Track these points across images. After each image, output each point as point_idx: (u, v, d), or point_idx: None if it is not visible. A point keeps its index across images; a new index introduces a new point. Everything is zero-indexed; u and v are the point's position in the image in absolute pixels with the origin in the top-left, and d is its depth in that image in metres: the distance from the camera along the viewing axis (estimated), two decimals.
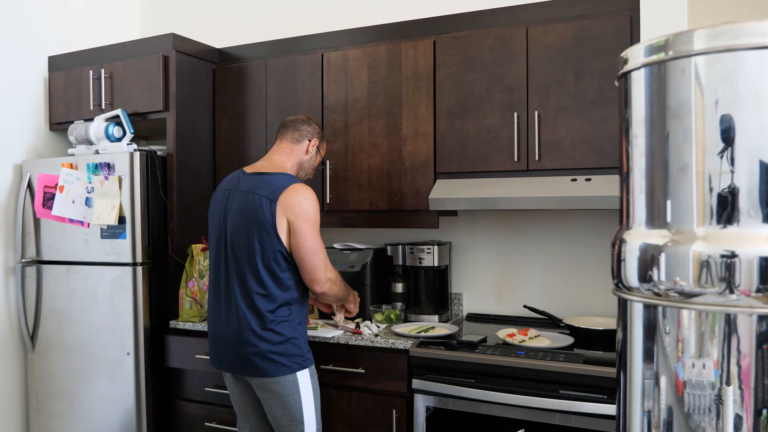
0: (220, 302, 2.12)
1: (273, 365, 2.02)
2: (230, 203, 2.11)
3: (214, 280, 2.15)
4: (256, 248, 2.02)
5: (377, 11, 2.99)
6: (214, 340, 2.16)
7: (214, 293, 2.15)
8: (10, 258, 2.97)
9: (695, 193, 1.07)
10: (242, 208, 2.06)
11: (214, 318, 2.15)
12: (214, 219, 2.17)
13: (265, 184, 2.07)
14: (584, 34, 2.27)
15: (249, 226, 2.03)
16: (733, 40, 1.04)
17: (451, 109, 2.49)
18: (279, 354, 2.02)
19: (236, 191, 2.11)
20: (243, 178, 2.14)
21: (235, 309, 2.06)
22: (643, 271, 1.14)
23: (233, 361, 2.09)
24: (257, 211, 2.03)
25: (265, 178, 2.10)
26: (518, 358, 2.10)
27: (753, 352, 1.01)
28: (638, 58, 1.17)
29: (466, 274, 2.86)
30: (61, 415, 2.84)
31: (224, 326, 2.09)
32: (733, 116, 1.03)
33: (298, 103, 2.79)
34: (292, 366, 2.04)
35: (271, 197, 2.02)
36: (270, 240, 2.02)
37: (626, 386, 1.21)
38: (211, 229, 2.19)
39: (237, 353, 2.06)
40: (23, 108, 3.03)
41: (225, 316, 2.09)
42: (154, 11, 3.66)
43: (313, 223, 2.05)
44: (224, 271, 2.10)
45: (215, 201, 2.19)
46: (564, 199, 2.20)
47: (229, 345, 2.08)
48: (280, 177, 2.09)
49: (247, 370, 2.05)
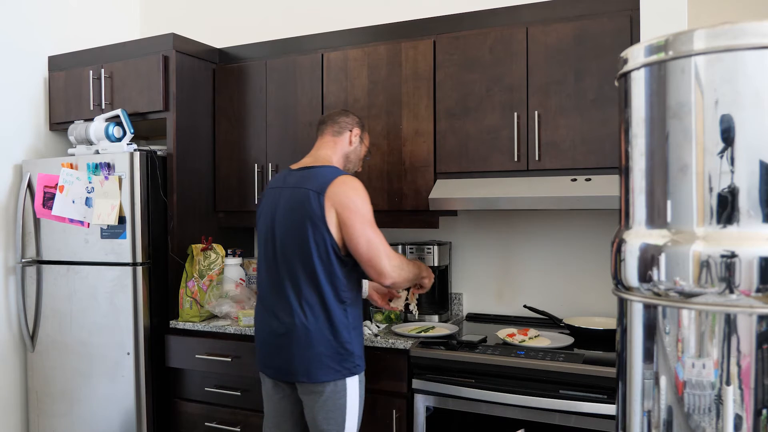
0: (270, 303, 2.04)
1: (324, 370, 1.93)
2: (278, 201, 2.04)
3: (265, 280, 2.07)
4: (310, 245, 1.94)
5: (377, 11, 2.99)
6: (261, 343, 2.07)
7: (263, 293, 2.07)
8: (10, 258, 2.97)
9: (695, 193, 1.07)
10: (291, 204, 2.00)
11: (263, 320, 2.07)
12: (263, 219, 2.09)
13: (311, 177, 2.00)
14: (584, 34, 2.27)
15: (300, 223, 1.96)
16: (733, 40, 1.04)
17: (451, 109, 2.49)
18: (331, 358, 1.94)
19: (283, 188, 2.05)
20: (289, 175, 2.08)
21: (287, 310, 1.98)
22: (643, 271, 1.14)
23: (280, 365, 2.00)
24: (306, 206, 1.95)
25: (311, 171, 2.03)
26: (518, 358, 2.10)
27: (753, 352, 1.01)
28: (638, 58, 1.17)
29: (466, 274, 2.86)
30: (61, 415, 2.84)
31: (274, 328, 2.01)
32: (733, 116, 1.03)
33: (298, 103, 2.79)
34: (343, 371, 1.95)
35: (319, 190, 1.95)
36: (321, 233, 1.94)
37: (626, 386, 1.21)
38: (259, 228, 2.11)
39: (286, 357, 1.98)
40: (23, 108, 3.03)
41: (275, 318, 2.01)
42: (154, 11, 3.66)
43: (364, 213, 1.95)
44: (275, 271, 2.03)
45: (264, 201, 2.12)
46: (564, 199, 2.20)
47: (279, 348, 2.00)
48: (327, 169, 2.03)
49: (296, 374, 1.97)
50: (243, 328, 2.57)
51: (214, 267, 2.75)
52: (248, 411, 2.55)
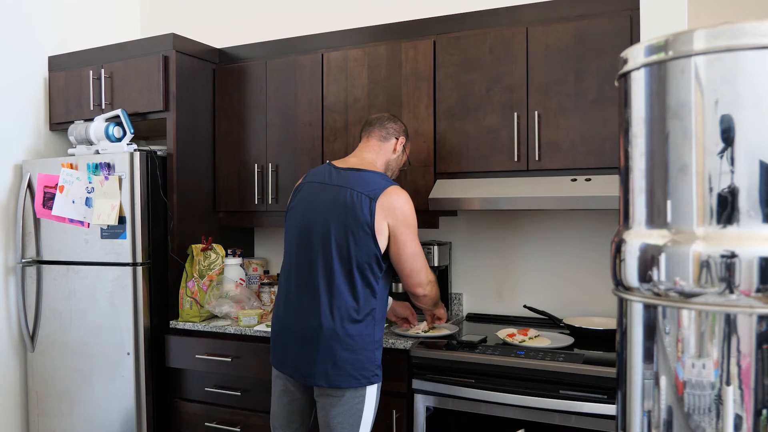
0: (296, 300, 1.99)
1: (345, 377, 1.91)
2: (321, 197, 2.00)
3: (293, 277, 2.02)
4: (351, 246, 1.92)
5: (377, 11, 2.99)
6: (281, 339, 2.03)
7: (289, 290, 2.02)
8: (10, 258, 2.97)
9: (695, 193, 1.07)
10: (338, 203, 1.96)
11: (286, 317, 2.02)
12: (300, 212, 2.04)
13: (361, 181, 1.98)
14: (584, 34, 2.27)
15: (345, 223, 1.93)
16: (733, 40, 1.04)
17: (451, 109, 2.49)
18: (353, 366, 1.92)
19: (328, 185, 2.01)
20: (335, 173, 2.03)
21: (315, 308, 1.94)
22: (643, 271, 1.14)
23: (299, 366, 1.97)
24: (355, 209, 1.93)
25: (361, 175, 2.01)
26: (518, 358, 2.10)
27: (753, 352, 1.01)
28: (638, 58, 1.17)
29: (466, 274, 2.85)
30: (61, 415, 2.84)
31: (299, 325, 1.97)
32: (733, 116, 1.03)
33: (298, 103, 2.79)
34: (362, 380, 1.94)
35: (371, 195, 1.94)
36: (366, 240, 1.92)
37: (626, 386, 1.21)
38: (293, 221, 2.06)
39: (308, 358, 1.94)
40: (23, 108, 3.03)
41: (301, 316, 1.97)
42: (155, 11, 3.66)
43: (413, 227, 2.00)
44: (309, 268, 1.98)
45: (302, 193, 2.07)
46: (564, 199, 2.20)
47: (300, 347, 1.96)
48: (377, 176, 2.02)
49: (315, 377, 1.93)
50: (243, 328, 2.57)
51: (214, 267, 2.75)
52: (248, 411, 2.55)
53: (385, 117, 2.20)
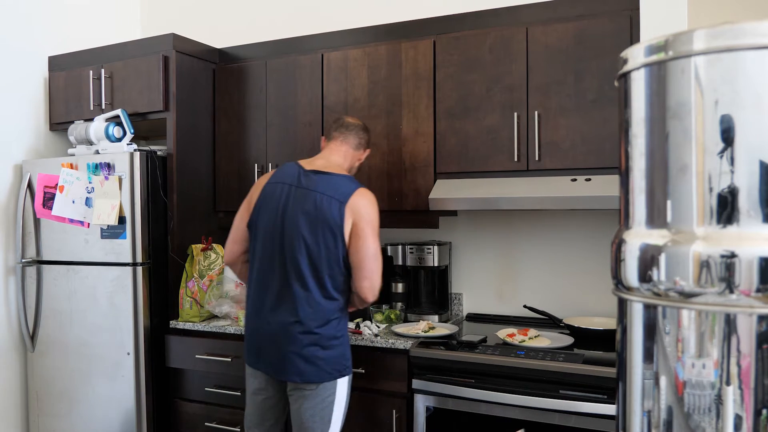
0: (268, 299, 2.04)
1: (318, 371, 1.98)
2: (290, 199, 2.05)
3: (264, 277, 2.06)
4: (321, 247, 1.99)
5: (377, 11, 2.99)
6: (255, 338, 2.07)
7: (260, 289, 2.06)
8: (10, 258, 2.97)
9: (695, 193, 1.07)
10: (307, 206, 2.01)
11: (258, 315, 2.06)
12: (267, 212, 2.07)
13: (331, 184, 2.04)
14: (584, 34, 2.27)
15: (315, 226, 1.99)
16: (733, 40, 1.04)
17: (451, 109, 2.49)
18: (325, 360, 1.98)
19: (298, 187, 2.06)
20: (303, 175, 2.08)
21: (288, 307, 2.00)
22: (643, 271, 1.14)
23: (274, 362, 2.02)
24: (325, 212, 1.99)
25: (330, 178, 2.07)
26: (518, 358, 2.10)
27: (753, 352, 1.01)
28: (638, 58, 1.17)
29: (466, 274, 2.85)
30: (61, 415, 2.84)
31: (271, 324, 2.02)
32: (733, 116, 1.03)
33: (298, 103, 2.79)
34: (334, 374, 2.00)
35: (341, 199, 2.01)
36: (335, 241, 1.99)
37: (626, 386, 1.21)
38: (261, 222, 2.08)
39: (281, 355, 2.00)
40: (23, 108, 3.03)
41: (274, 314, 2.02)
42: (155, 11, 3.66)
43: (377, 228, 2.06)
44: (278, 268, 2.03)
45: (270, 193, 2.09)
46: (564, 199, 2.20)
47: (274, 345, 2.01)
48: (345, 179, 2.08)
49: (289, 373, 2.00)
50: (243, 328, 2.57)
51: (214, 267, 2.75)
52: None
53: (361, 126, 2.25)
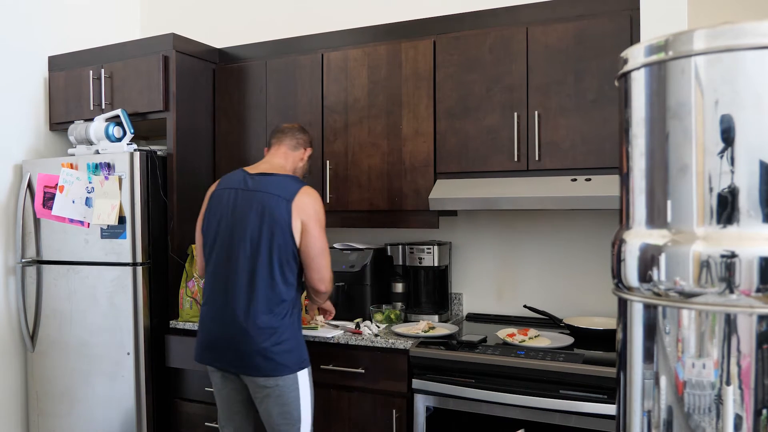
0: (222, 300, 2.10)
1: (276, 365, 2.03)
2: (238, 201, 2.12)
3: (216, 279, 2.13)
4: (272, 245, 2.05)
5: (377, 11, 2.99)
6: (209, 337, 2.13)
7: (215, 289, 2.13)
8: (10, 258, 2.97)
9: (695, 193, 1.07)
10: (254, 207, 2.08)
11: (213, 315, 2.12)
12: (217, 217, 2.15)
13: (276, 184, 2.12)
14: (584, 34, 2.27)
15: (264, 225, 2.06)
16: (733, 40, 1.04)
17: (451, 109, 2.49)
18: (282, 354, 2.03)
19: (244, 190, 2.13)
20: (249, 178, 2.15)
21: (241, 306, 2.05)
22: (643, 271, 1.14)
23: (231, 359, 2.08)
24: (273, 211, 2.06)
25: (275, 179, 2.14)
26: (518, 358, 2.10)
27: (753, 352, 1.01)
28: (638, 58, 1.17)
29: (466, 274, 2.86)
30: (61, 415, 2.84)
31: (226, 323, 2.08)
32: (733, 116, 1.03)
33: (298, 103, 2.79)
34: (293, 367, 2.06)
35: (287, 197, 2.08)
36: (285, 238, 2.06)
37: (626, 386, 1.21)
38: (211, 226, 2.17)
39: (237, 352, 2.05)
40: (23, 108, 3.03)
41: (227, 314, 2.07)
42: (154, 11, 3.66)
43: (323, 224, 2.14)
44: (230, 268, 2.09)
45: (218, 199, 2.17)
46: (564, 199, 2.20)
47: (230, 343, 2.07)
48: (289, 179, 2.16)
49: (248, 369, 2.05)
50: None
51: None
52: None
53: (296, 128, 2.33)
